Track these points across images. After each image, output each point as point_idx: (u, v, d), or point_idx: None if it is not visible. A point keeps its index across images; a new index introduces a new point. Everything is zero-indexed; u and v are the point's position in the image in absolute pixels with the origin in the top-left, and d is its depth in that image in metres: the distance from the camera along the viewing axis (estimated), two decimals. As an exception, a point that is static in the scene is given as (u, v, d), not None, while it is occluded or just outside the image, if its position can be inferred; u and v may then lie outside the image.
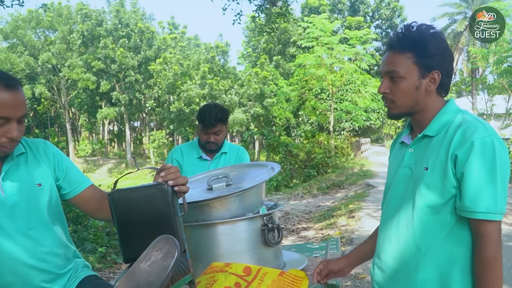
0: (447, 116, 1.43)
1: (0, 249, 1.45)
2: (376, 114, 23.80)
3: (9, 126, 1.42)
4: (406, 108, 1.46)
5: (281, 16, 11.95)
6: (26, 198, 1.53)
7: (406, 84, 1.42)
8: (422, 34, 1.40)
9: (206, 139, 2.82)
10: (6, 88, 1.40)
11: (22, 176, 1.55)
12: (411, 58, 1.40)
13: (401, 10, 36.54)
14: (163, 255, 0.82)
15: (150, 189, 1.31)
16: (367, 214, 8.02)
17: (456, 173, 1.33)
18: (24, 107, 1.46)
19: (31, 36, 37.08)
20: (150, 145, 36.14)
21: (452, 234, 1.37)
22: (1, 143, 1.44)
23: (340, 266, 1.70)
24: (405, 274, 1.44)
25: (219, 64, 31.99)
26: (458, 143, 1.33)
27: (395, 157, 1.59)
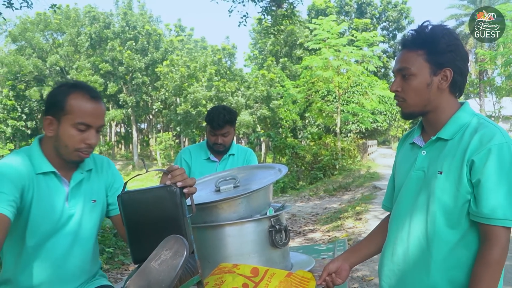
0: (462, 120, 1.41)
1: (45, 250, 1.57)
2: (383, 116, 23.71)
3: (89, 133, 1.56)
4: (418, 106, 1.44)
5: (287, 18, 11.96)
6: (81, 212, 1.63)
7: (417, 81, 1.41)
8: (434, 32, 1.40)
9: (214, 141, 2.85)
10: (91, 99, 1.56)
11: (84, 191, 1.67)
12: (423, 55, 1.40)
13: (408, 12, 36.39)
14: (172, 254, 0.84)
15: (159, 191, 1.32)
16: (374, 216, 8.00)
17: (472, 179, 1.32)
18: (103, 118, 1.61)
19: (39, 39, 37.34)
20: (157, 147, 36.23)
21: (465, 239, 1.37)
22: (79, 148, 1.56)
23: (335, 265, 1.64)
24: (416, 277, 1.43)
25: (225, 66, 32.02)
26: (475, 149, 1.32)
27: (406, 158, 1.56)
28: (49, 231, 1.57)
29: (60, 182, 1.61)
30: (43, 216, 1.55)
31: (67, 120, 1.54)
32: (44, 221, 1.56)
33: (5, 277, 1.60)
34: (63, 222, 1.60)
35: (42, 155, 1.59)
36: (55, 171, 1.59)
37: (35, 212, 1.54)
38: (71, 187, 1.62)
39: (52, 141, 1.58)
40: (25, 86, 36.70)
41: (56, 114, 1.55)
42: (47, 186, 1.57)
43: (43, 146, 1.61)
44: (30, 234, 1.54)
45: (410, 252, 1.45)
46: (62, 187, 1.61)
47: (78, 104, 1.54)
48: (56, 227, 1.58)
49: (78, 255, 1.64)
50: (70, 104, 1.53)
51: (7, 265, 1.59)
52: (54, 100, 1.56)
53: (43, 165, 1.57)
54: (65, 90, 1.56)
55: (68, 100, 1.54)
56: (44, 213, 1.56)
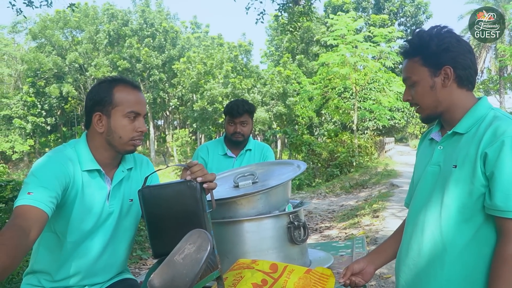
0: (478, 113, 1.42)
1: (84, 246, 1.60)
2: (400, 113, 23.47)
3: (139, 121, 1.61)
4: (431, 109, 1.47)
5: (304, 15, 11.91)
6: (119, 211, 1.67)
7: (421, 87, 1.45)
8: (422, 37, 1.45)
9: (233, 130, 2.88)
10: (134, 89, 1.63)
11: (123, 190, 1.69)
12: (419, 61, 1.45)
13: (426, 6, 35.88)
14: (196, 248, 0.84)
15: (180, 186, 1.33)
16: (392, 214, 7.93)
17: (486, 172, 1.31)
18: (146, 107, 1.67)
19: (58, 36, 37.85)
20: (174, 144, 36.46)
21: (479, 234, 1.35)
22: (133, 137, 1.60)
23: (360, 266, 1.66)
24: (431, 272, 1.43)
25: (242, 63, 32.04)
26: (488, 141, 1.31)
27: (424, 154, 1.58)
28: (90, 228, 1.61)
29: (103, 180, 1.64)
30: (85, 213, 1.58)
31: (117, 112, 1.58)
32: (85, 219, 1.59)
33: (36, 268, 1.64)
34: (102, 220, 1.63)
35: (89, 152, 1.61)
36: (100, 169, 1.61)
37: (77, 209, 1.56)
38: (113, 186, 1.65)
39: (102, 137, 1.60)
40: (45, 83, 37.25)
41: (104, 109, 1.58)
42: (91, 183, 1.60)
43: (90, 143, 1.63)
44: (71, 231, 1.57)
45: (424, 247, 1.45)
46: (104, 185, 1.64)
47: (125, 95, 1.59)
48: (96, 225, 1.62)
49: (113, 252, 1.68)
50: (117, 96, 1.58)
51: (41, 257, 1.63)
52: (99, 96, 1.59)
53: (89, 163, 1.60)
54: (108, 85, 1.61)
55: (114, 93, 1.58)
56: (86, 211, 1.58)
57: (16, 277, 4.24)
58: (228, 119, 2.89)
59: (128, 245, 1.76)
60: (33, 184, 1.41)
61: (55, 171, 1.48)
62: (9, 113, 35.50)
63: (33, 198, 1.36)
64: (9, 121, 35.83)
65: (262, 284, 1.42)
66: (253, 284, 1.40)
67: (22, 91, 37.13)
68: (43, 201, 1.37)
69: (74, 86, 37.09)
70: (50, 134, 39.83)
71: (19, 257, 1.22)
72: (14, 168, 35.78)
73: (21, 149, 35.50)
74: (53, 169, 1.48)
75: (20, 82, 38.51)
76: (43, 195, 1.38)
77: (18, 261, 1.22)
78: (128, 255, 1.80)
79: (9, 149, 35.36)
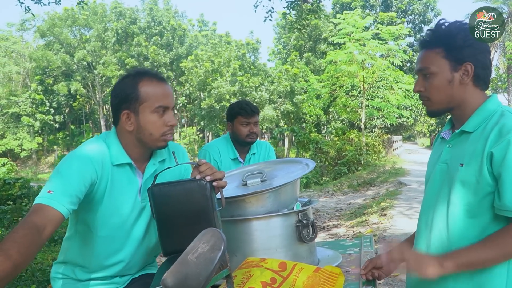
0: (486, 112, 1.40)
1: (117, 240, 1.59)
2: (408, 111, 23.35)
3: (168, 115, 1.54)
4: (443, 104, 1.44)
5: (312, 12, 11.87)
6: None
7: (438, 79, 1.41)
8: (449, 29, 1.41)
9: (249, 130, 2.84)
10: (160, 81, 1.55)
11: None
12: (441, 53, 1.41)
13: (434, 4, 35.64)
14: (210, 247, 0.85)
15: (189, 184, 1.33)
16: (400, 212, 7.91)
17: (493, 172, 1.30)
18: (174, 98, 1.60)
19: (67, 34, 38.06)
20: (181, 141, 36.57)
21: (486, 232, 1.34)
22: (164, 132, 1.54)
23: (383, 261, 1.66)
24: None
25: (249, 61, 32.04)
26: (494, 141, 1.30)
27: (435, 152, 1.58)
28: (121, 223, 1.58)
29: (134, 174, 1.59)
30: (115, 208, 1.56)
31: (146, 108, 1.51)
32: (115, 214, 1.56)
33: (70, 258, 1.65)
34: (136, 215, 1.60)
35: (120, 146, 1.56)
36: (131, 162, 1.57)
37: (106, 204, 1.54)
38: (145, 179, 1.60)
39: (132, 134, 1.55)
40: (53, 80, 37.49)
41: (131, 107, 1.52)
42: (122, 178, 1.56)
43: (121, 138, 1.58)
44: (101, 225, 1.56)
45: (432, 245, 1.46)
46: (136, 179, 1.60)
47: (151, 89, 1.52)
48: (127, 219, 1.59)
49: (147, 247, 1.68)
50: (143, 91, 1.51)
51: (74, 248, 1.63)
52: (124, 93, 1.53)
53: (120, 157, 1.55)
54: (133, 80, 1.54)
55: (140, 89, 1.51)
56: (116, 206, 1.56)
57: (24, 275, 4.28)
58: (242, 120, 2.82)
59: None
60: (56, 181, 1.40)
61: (80, 168, 1.44)
62: (17, 111, 35.78)
63: (52, 198, 1.35)
64: (18, 119, 36.11)
65: (271, 282, 1.42)
66: (262, 282, 1.40)
67: (30, 89, 37.39)
68: (62, 202, 1.36)
69: (82, 84, 37.30)
70: (58, 132, 40.07)
71: (31, 255, 1.22)
72: (22, 166, 36.08)
73: (29, 146, 35.78)
74: (79, 166, 1.45)
75: (28, 80, 38.78)
76: (63, 196, 1.37)
77: (30, 259, 1.22)
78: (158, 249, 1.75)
79: (17, 146, 35.65)
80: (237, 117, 2.85)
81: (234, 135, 2.92)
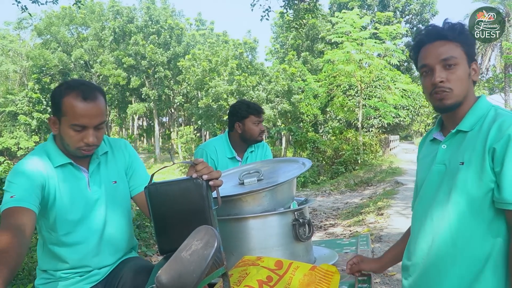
0: (480, 111, 1.43)
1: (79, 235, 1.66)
2: (405, 111, 23.40)
3: (86, 133, 1.59)
4: (461, 96, 1.43)
5: (309, 12, 11.88)
6: (105, 194, 1.71)
7: (461, 70, 1.43)
8: (463, 26, 1.46)
9: (260, 128, 2.93)
10: (83, 100, 1.57)
11: (103, 174, 1.74)
12: (460, 47, 1.43)
13: (432, 4, 35.70)
14: (203, 244, 0.85)
15: (186, 183, 1.33)
16: (396, 211, 7.92)
17: (494, 167, 1.32)
18: (101, 116, 1.62)
19: (64, 33, 37.96)
20: (178, 140, 36.53)
21: (490, 229, 1.36)
22: (79, 147, 1.61)
23: (372, 268, 1.77)
24: (442, 270, 1.44)
25: (247, 60, 32.03)
26: (495, 137, 1.33)
27: (426, 155, 1.59)
28: (79, 217, 1.67)
29: (78, 170, 1.69)
30: (69, 205, 1.65)
31: (65, 122, 1.59)
32: (70, 210, 1.65)
33: (46, 263, 1.72)
34: (90, 207, 1.69)
35: (57, 149, 1.67)
36: (71, 161, 1.67)
37: (60, 203, 1.63)
38: (90, 173, 1.71)
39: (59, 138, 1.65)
40: (50, 79, 37.37)
41: (56, 115, 1.61)
42: (67, 176, 1.66)
43: (57, 141, 1.68)
44: (60, 225, 1.65)
45: (434, 246, 1.45)
46: (81, 174, 1.69)
47: (71, 106, 1.56)
48: (84, 213, 1.67)
49: (112, 235, 1.74)
50: (65, 105, 1.57)
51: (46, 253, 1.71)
52: (53, 101, 1.61)
53: (59, 158, 1.66)
54: (61, 91, 1.59)
55: (63, 102, 1.57)
56: (69, 202, 1.65)
57: (21, 273, 4.27)
58: (254, 119, 2.88)
59: (126, 225, 1.81)
60: (12, 188, 1.50)
61: (28, 174, 1.55)
62: (14, 110, 35.67)
63: (17, 199, 1.45)
64: (14, 118, 36.00)
65: (267, 280, 1.42)
66: (259, 280, 1.40)
67: (27, 87, 37.26)
68: (27, 200, 1.47)
69: (79, 83, 37.16)
70: (56, 131, 39.96)
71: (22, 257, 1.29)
72: (20, 164, 35.92)
73: (26, 145, 35.65)
74: (26, 173, 1.56)
75: (25, 78, 38.67)
76: (25, 195, 1.48)
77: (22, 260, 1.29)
78: (130, 235, 1.85)
79: (14, 145, 35.53)
80: (249, 117, 2.89)
81: (245, 134, 2.92)
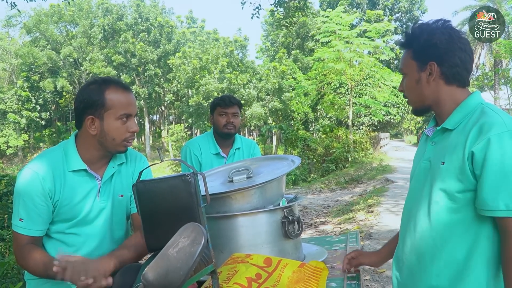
0: (467, 108, 1.41)
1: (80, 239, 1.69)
2: (396, 108, 23.52)
3: (131, 122, 1.65)
4: (417, 102, 1.49)
5: (299, 10, 11.89)
6: (111, 206, 1.73)
7: (408, 79, 1.49)
8: (416, 30, 1.47)
9: (226, 121, 2.87)
10: (125, 90, 1.64)
11: (114, 185, 1.74)
12: (410, 54, 1.47)
13: (421, 2, 35.88)
14: (190, 241, 0.85)
15: (174, 180, 1.33)
16: (386, 209, 7.97)
17: (474, 170, 1.30)
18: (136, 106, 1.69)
19: (53, 31, 37.65)
20: (169, 139, 36.35)
21: (471, 230, 1.35)
22: (126, 138, 1.65)
23: (371, 262, 1.78)
24: (422, 267, 1.45)
25: (237, 58, 31.99)
26: (474, 139, 1.30)
27: (420, 149, 1.59)
28: (82, 224, 1.68)
29: (91, 178, 1.68)
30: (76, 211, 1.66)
31: (110, 115, 1.60)
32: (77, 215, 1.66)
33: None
34: (94, 215, 1.69)
35: (76, 152, 1.66)
36: (86, 168, 1.66)
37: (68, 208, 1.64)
38: (103, 182, 1.70)
39: (95, 138, 1.63)
40: (39, 77, 37.06)
41: (96, 113, 1.60)
42: (80, 182, 1.66)
43: (80, 143, 1.67)
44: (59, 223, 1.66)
45: (416, 243, 1.46)
46: (94, 182, 1.69)
47: (117, 97, 1.60)
48: (88, 218, 1.68)
49: (109, 245, 1.73)
50: (109, 99, 1.59)
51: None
52: (90, 99, 1.60)
53: (75, 163, 1.65)
54: (99, 87, 1.61)
55: (106, 96, 1.59)
56: (77, 208, 1.66)
57: (11, 272, 4.24)
58: (220, 110, 2.88)
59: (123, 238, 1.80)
60: (22, 208, 1.58)
61: (37, 191, 1.58)
62: (3, 108, 35.32)
63: (24, 227, 1.57)
64: (3, 116, 35.65)
65: (256, 278, 1.42)
66: (248, 278, 1.40)
67: (16, 85, 36.91)
68: (34, 228, 1.58)
69: (68, 81, 36.92)
70: (45, 129, 39.65)
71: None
72: (9, 163, 35.61)
73: (15, 144, 35.35)
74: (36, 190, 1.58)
75: (14, 76, 38.29)
76: (33, 222, 1.58)
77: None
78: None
79: (3, 144, 35.21)
80: (216, 108, 2.91)
81: (214, 127, 2.97)
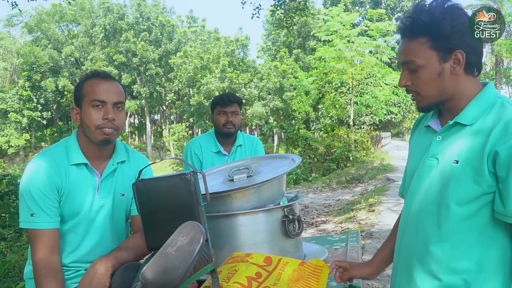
0: (484, 103, 1.24)
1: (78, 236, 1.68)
2: (397, 108, 23.49)
3: (105, 109, 1.62)
4: (434, 98, 1.28)
5: (300, 10, 11.88)
6: (111, 203, 1.73)
7: (426, 72, 1.25)
8: (433, 14, 1.22)
9: (225, 120, 2.85)
10: (102, 79, 1.67)
11: (114, 183, 1.75)
12: (426, 43, 1.24)
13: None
14: (189, 240, 0.85)
15: (174, 179, 1.32)
16: (387, 208, 7.97)
17: (496, 172, 1.16)
18: (120, 95, 1.68)
19: (54, 30, 37.67)
20: (170, 138, 36.39)
21: (484, 237, 1.22)
22: (99, 125, 1.62)
23: (363, 274, 1.60)
24: (428, 275, 1.31)
25: (238, 58, 31.96)
26: (499, 138, 1.15)
27: (419, 142, 1.42)
28: (82, 220, 1.68)
29: (91, 173, 1.70)
30: (76, 206, 1.66)
31: (85, 103, 1.63)
32: (76, 211, 1.67)
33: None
34: (94, 212, 1.70)
35: (77, 147, 1.69)
36: (87, 162, 1.68)
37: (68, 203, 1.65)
38: (102, 178, 1.71)
39: (81, 130, 1.68)
40: (41, 76, 37.08)
41: (78, 103, 1.67)
42: (80, 177, 1.67)
43: (79, 138, 1.70)
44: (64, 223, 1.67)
45: (420, 247, 1.33)
46: (93, 178, 1.70)
47: (91, 85, 1.64)
48: (88, 215, 1.69)
49: (109, 243, 1.73)
50: (85, 88, 1.65)
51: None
52: (75, 91, 1.69)
53: (76, 157, 1.67)
54: (83, 80, 1.69)
55: (84, 86, 1.66)
56: (77, 204, 1.66)
57: (12, 271, 4.24)
58: (219, 110, 2.86)
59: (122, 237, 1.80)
60: (32, 203, 1.58)
61: (45, 183, 1.60)
62: (4, 107, 35.36)
63: (37, 221, 1.57)
64: (5, 115, 35.69)
65: (256, 277, 1.42)
66: (248, 277, 1.40)
67: (17, 85, 36.94)
68: (48, 220, 1.58)
69: (70, 80, 36.93)
70: (46, 128, 39.68)
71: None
72: (10, 163, 35.67)
73: (16, 143, 35.39)
74: (43, 182, 1.60)
75: (15, 76, 38.32)
76: (46, 214, 1.58)
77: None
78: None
79: (4, 143, 35.24)
80: (215, 107, 2.89)
81: (214, 126, 2.95)
